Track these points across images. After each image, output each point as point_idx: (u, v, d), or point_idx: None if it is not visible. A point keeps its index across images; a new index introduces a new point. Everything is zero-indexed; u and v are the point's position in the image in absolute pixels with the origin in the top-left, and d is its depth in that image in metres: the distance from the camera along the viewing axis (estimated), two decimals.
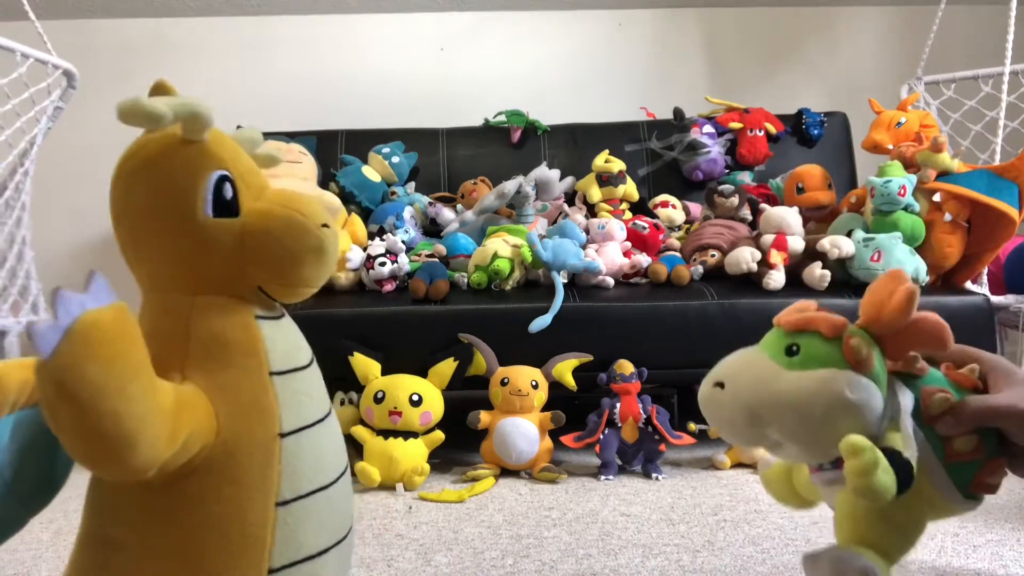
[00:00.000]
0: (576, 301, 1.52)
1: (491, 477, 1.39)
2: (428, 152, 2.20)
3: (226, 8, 2.49)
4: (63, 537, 1.15)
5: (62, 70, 1.71)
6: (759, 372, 0.66)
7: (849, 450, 0.58)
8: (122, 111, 0.53)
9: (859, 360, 0.63)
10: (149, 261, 0.56)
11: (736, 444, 0.73)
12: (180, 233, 0.54)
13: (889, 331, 0.65)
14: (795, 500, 0.80)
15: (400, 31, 2.57)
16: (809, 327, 0.66)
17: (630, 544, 1.06)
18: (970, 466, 0.65)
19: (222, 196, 0.55)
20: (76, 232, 2.47)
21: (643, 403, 1.42)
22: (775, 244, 1.57)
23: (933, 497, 0.65)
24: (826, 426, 0.62)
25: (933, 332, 0.64)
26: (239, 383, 0.54)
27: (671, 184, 2.14)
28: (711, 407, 0.69)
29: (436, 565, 1.00)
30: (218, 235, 0.55)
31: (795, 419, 0.63)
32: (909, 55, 2.35)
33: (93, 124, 2.25)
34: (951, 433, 0.64)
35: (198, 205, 0.54)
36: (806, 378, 0.63)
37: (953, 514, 0.68)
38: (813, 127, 2.17)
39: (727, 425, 0.68)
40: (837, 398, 0.61)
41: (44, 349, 0.41)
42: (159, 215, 0.54)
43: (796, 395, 0.63)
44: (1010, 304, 1.63)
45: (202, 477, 0.51)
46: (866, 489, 0.57)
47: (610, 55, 2.60)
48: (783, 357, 0.66)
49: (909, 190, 1.56)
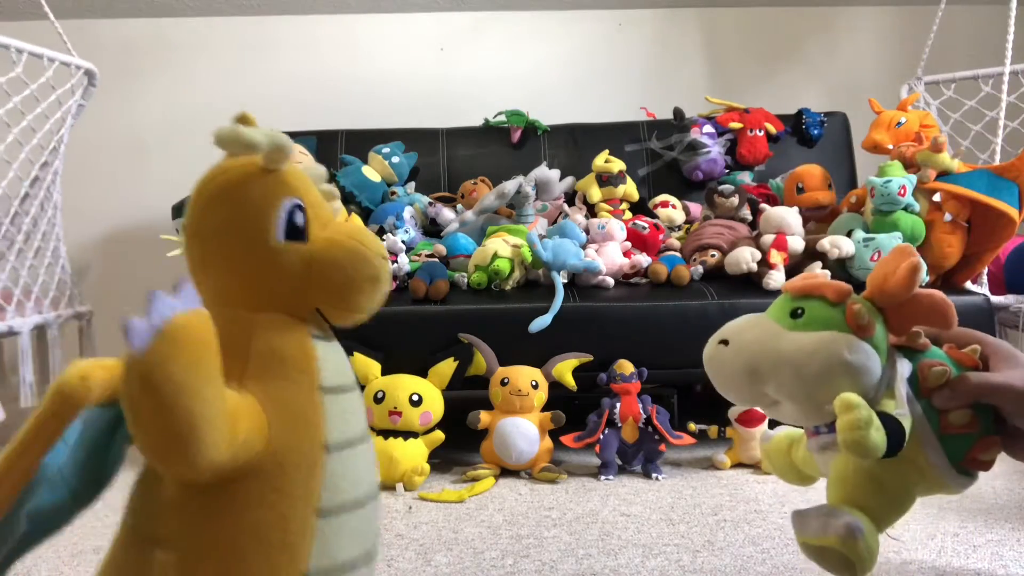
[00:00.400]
0: (576, 301, 1.52)
1: (491, 477, 1.39)
2: (428, 152, 2.20)
3: (226, 8, 2.49)
4: (62, 537, 1.15)
5: (84, 70, 1.78)
6: (762, 331, 0.69)
7: (842, 406, 0.60)
8: (221, 138, 0.57)
9: (860, 325, 0.65)
10: (218, 278, 0.59)
11: (735, 402, 0.76)
12: (252, 254, 0.58)
13: (892, 302, 0.67)
14: (793, 474, 0.81)
15: (400, 31, 2.58)
16: (815, 292, 0.68)
17: (630, 544, 1.06)
18: (964, 440, 0.66)
19: (294, 222, 0.58)
20: (76, 232, 2.47)
21: (643, 403, 1.42)
22: (775, 244, 1.57)
23: (925, 468, 0.67)
24: (822, 384, 0.64)
25: (936, 308, 0.66)
26: (292, 397, 0.57)
27: (671, 184, 2.14)
28: (714, 364, 0.71)
29: (436, 565, 1.00)
30: (287, 259, 0.58)
31: (792, 375, 0.65)
32: (909, 55, 2.35)
33: (93, 124, 2.25)
34: (947, 406, 0.66)
35: (271, 229, 0.57)
36: (807, 338, 0.65)
37: (944, 490, 0.69)
38: (813, 127, 2.17)
39: (728, 381, 0.70)
40: (835, 357, 0.63)
41: (137, 344, 0.44)
42: (234, 236, 0.58)
43: (795, 353, 0.65)
44: (1010, 304, 1.63)
45: (249, 483, 0.53)
46: (856, 444, 0.58)
47: (610, 55, 2.60)
48: (787, 319, 0.68)
49: (909, 190, 1.56)
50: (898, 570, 0.94)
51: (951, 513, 1.15)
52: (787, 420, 0.73)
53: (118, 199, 2.50)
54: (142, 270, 2.42)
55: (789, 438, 0.83)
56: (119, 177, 2.50)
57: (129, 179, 2.50)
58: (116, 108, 2.47)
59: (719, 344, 0.71)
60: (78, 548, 1.10)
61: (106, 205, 2.50)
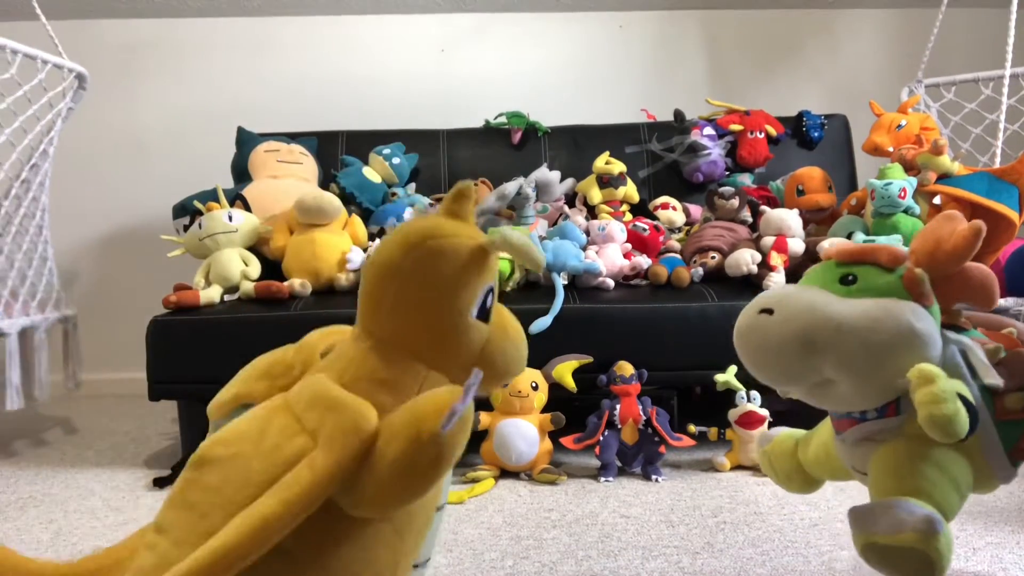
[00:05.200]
0: (576, 303, 1.52)
1: (491, 478, 1.39)
2: (429, 153, 2.20)
3: (227, 8, 2.49)
4: (63, 537, 1.15)
5: (75, 73, 1.76)
6: (813, 298, 0.60)
7: (922, 377, 0.53)
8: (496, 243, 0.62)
9: (921, 292, 0.59)
10: (406, 323, 0.62)
11: (776, 380, 0.64)
12: (450, 320, 0.61)
13: (944, 270, 0.61)
14: (798, 479, 0.75)
15: (401, 32, 2.58)
16: (867, 257, 0.62)
17: (630, 546, 1.06)
18: (1017, 427, 0.61)
19: (485, 305, 0.64)
20: (76, 232, 2.48)
21: (643, 405, 1.42)
22: (775, 246, 1.58)
23: (976, 457, 0.61)
24: (889, 357, 0.57)
25: (986, 283, 0.61)
26: None
27: (671, 186, 2.14)
28: (756, 335, 0.62)
29: (436, 566, 1.00)
30: (472, 334, 0.63)
31: (858, 346, 0.57)
32: (910, 58, 2.35)
33: (93, 124, 2.25)
34: (1004, 385, 0.60)
35: (473, 306, 0.62)
36: (869, 304, 0.58)
37: (988, 484, 0.63)
38: (813, 129, 2.17)
39: (773, 355, 0.61)
40: (905, 325, 0.56)
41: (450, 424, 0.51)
42: (440, 298, 0.61)
43: (860, 320, 0.57)
44: (1010, 307, 1.63)
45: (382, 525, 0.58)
46: (942, 419, 0.52)
47: (611, 57, 2.60)
48: (837, 286, 0.61)
49: (909, 192, 1.56)
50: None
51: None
52: (833, 404, 0.65)
53: (118, 199, 2.50)
54: (142, 270, 2.42)
55: (793, 438, 0.77)
56: (119, 177, 2.50)
57: (129, 179, 2.50)
58: (117, 108, 2.47)
59: (760, 313, 0.62)
60: (78, 548, 1.10)
61: (106, 205, 2.50)
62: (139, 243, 2.48)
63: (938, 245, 0.60)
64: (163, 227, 2.30)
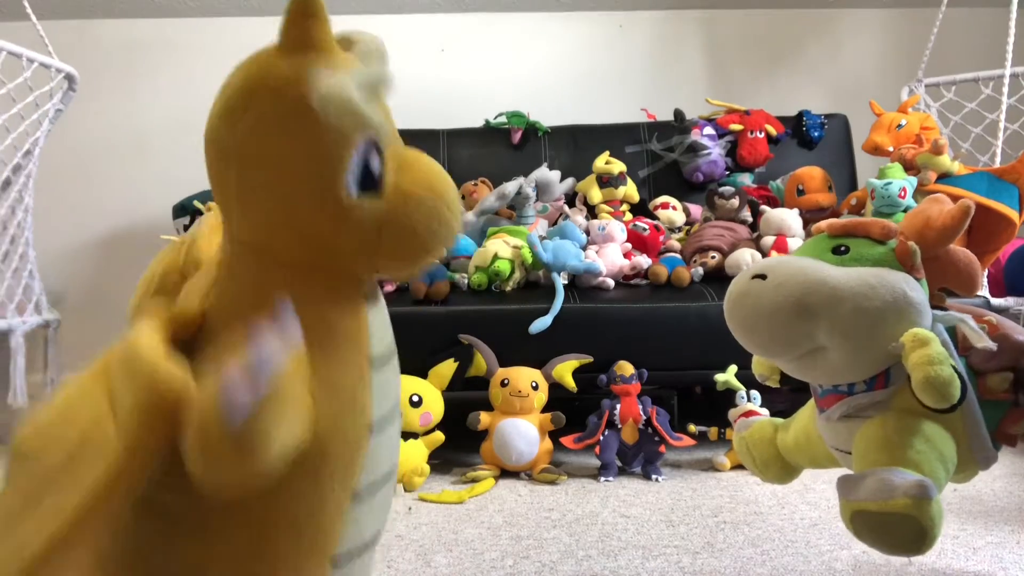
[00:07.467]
0: (576, 302, 1.52)
1: (491, 478, 1.39)
2: (429, 153, 2.09)
3: (227, 8, 2.49)
4: None
5: (64, 73, 1.73)
6: (807, 265, 0.60)
7: (916, 340, 0.54)
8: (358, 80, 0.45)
9: (913, 264, 0.60)
10: (257, 220, 0.47)
11: (766, 346, 0.62)
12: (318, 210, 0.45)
13: (933, 250, 0.61)
14: (776, 466, 0.75)
15: (401, 32, 2.57)
16: (859, 230, 0.63)
17: (630, 545, 1.06)
18: (999, 408, 0.62)
19: (369, 168, 0.45)
20: (76, 232, 2.47)
21: (643, 404, 1.42)
22: (775, 246, 1.58)
23: (959, 434, 0.61)
24: (882, 323, 0.57)
25: (970, 268, 0.62)
26: (340, 377, 0.49)
27: (671, 186, 2.14)
28: (748, 300, 0.61)
29: (436, 566, 1.00)
30: (357, 217, 0.45)
31: (852, 311, 0.57)
32: (910, 57, 2.35)
33: (93, 124, 2.25)
34: (986, 366, 0.61)
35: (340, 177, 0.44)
36: (864, 271, 0.59)
37: (968, 469, 0.63)
38: (813, 129, 2.17)
39: (766, 320, 0.60)
40: (899, 293, 0.57)
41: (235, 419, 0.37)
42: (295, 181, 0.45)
43: (855, 285, 0.58)
44: (1010, 306, 1.63)
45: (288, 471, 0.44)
46: (936, 380, 0.52)
47: (611, 57, 2.60)
48: (830, 256, 0.61)
49: (909, 192, 1.56)
50: (898, 572, 0.94)
51: (951, 515, 1.14)
52: (822, 374, 0.64)
53: (118, 199, 2.50)
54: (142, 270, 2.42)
55: (773, 425, 0.77)
56: (119, 177, 2.50)
57: (129, 179, 2.50)
58: (116, 108, 2.47)
59: (753, 279, 0.61)
60: None
61: (106, 205, 2.50)
62: (139, 243, 2.48)
63: (927, 223, 0.62)
64: (163, 227, 2.30)
